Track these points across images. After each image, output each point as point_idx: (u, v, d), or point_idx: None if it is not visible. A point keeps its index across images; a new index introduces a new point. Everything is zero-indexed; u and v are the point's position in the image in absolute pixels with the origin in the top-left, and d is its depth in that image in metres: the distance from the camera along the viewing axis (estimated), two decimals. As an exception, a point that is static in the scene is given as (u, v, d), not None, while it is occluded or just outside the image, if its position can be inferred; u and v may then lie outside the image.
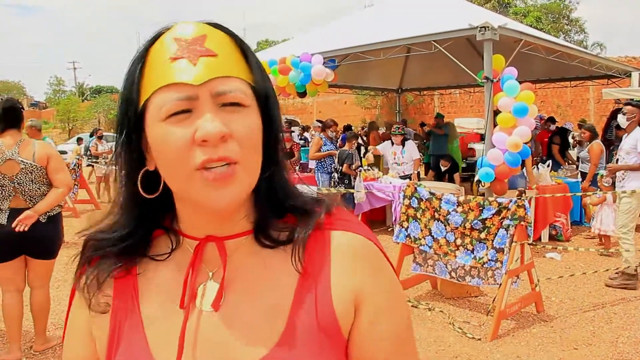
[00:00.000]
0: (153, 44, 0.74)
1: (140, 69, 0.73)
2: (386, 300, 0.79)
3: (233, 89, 0.71)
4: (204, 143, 0.68)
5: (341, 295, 0.76)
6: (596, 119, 18.47)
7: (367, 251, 0.80)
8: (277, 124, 0.79)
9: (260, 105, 0.76)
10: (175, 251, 0.82)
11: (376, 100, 24.31)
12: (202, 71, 0.70)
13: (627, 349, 4.10)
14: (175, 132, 0.69)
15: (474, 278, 4.82)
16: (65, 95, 49.98)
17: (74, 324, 0.87)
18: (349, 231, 0.81)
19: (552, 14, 30.72)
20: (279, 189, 0.80)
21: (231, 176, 0.69)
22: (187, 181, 0.70)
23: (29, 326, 4.28)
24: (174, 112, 0.69)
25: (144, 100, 0.72)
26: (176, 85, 0.69)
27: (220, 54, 0.72)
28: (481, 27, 6.73)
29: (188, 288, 0.78)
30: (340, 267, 0.77)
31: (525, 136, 6.36)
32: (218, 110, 0.70)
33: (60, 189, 3.79)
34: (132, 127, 0.74)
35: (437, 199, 4.99)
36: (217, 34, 0.74)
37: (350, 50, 8.64)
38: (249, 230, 0.80)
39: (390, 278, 0.82)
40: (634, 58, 18.73)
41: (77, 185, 10.85)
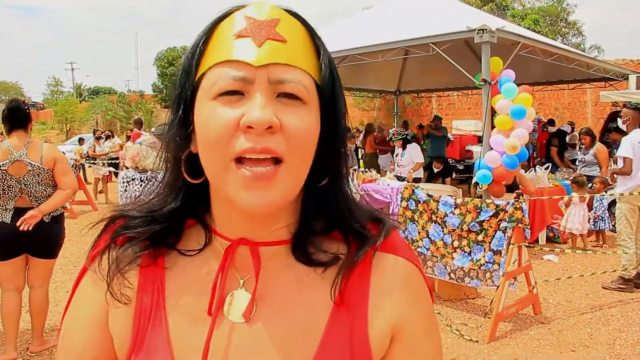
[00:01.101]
0: (223, 20, 0.70)
1: (204, 41, 0.69)
2: (423, 330, 0.77)
3: (294, 79, 0.65)
4: (248, 129, 0.62)
5: (377, 324, 0.72)
6: (593, 122, 18.50)
7: (409, 277, 0.76)
8: (340, 130, 0.73)
9: (323, 107, 0.70)
10: (205, 249, 0.76)
11: (374, 102, 24.33)
12: (265, 54, 0.65)
13: (624, 351, 4.11)
14: (222, 112, 0.64)
15: (473, 279, 4.83)
16: (63, 96, 49.81)
17: (78, 318, 0.78)
18: (394, 254, 0.76)
19: (550, 17, 30.79)
20: (333, 202, 0.74)
21: (271, 178, 0.64)
22: (222, 171, 0.65)
23: (25, 327, 4.27)
24: (226, 91, 0.65)
25: (200, 75, 0.68)
26: (234, 62, 0.65)
27: (290, 42, 0.67)
28: (479, 29, 6.74)
29: (217, 294, 0.72)
30: (380, 293, 0.73)
31: (523, 138, 6.37)
32: (273, 99, 0.65)
33: (66, 191, 3.84)
34: (189, 101, 0.69)
35: (434, 201, 5.00)
36: (291, 21, 0.69)
37: (348, 52, 8.64)
38: (287, 239, 0.74)
39: (429, 307, 0.79)
40: (631, 61, 18.77)
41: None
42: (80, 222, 9.66)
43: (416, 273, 0.77)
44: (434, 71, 11.80)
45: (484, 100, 6.93)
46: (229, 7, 0.71)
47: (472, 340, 4.32)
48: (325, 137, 0.71)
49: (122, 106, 38.40)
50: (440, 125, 12.63)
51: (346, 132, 0.76)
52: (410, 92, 16.55)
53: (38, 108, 51.70)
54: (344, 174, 0.76)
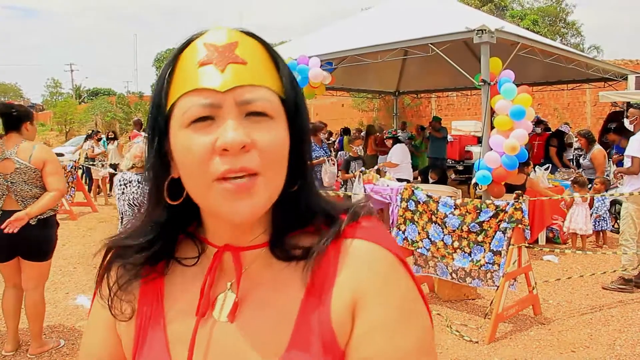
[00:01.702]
0: (185, 49, 0.73)
1: (170, 73, 0.73)
2: (386, 316, 0.71)
3: (259, 97, 0.69)
4: (224, 152, 0.66)
5: (339, 305, 0.72)
6: (593, 122, 18.52)
7: (378, 259, 0.74)
8: (305, 138, 0.77)
9: (289, 118, 0.74)
10: (201, 257, 0.82)
11: (373, 103, 24.33)
12: (229, 78, 0.68)
13: (625, 352, 4.10)
14: (197, 139, 0.68)
15: (475, 279, 4.83)
16: (62, 97, 49.81)
17: (95, 323, 0.87)
18: (366, 239, 0.76)
19: (549, 17, 30.82)
20: (303, 203, 0.78)
21: (251, 188, 0.68)
22: (206, 192, 0.69)
23: (25, 328, 4.27)
24: (197, 118, 0.68)
25: (170, 105, 0.71)
26: (201, 90, 0.68)
27: (250, 62, 0.71)
28: (478, 30, 6.73)
29: (204, 296, 0.77)
30: (345, 275, 0.74)
31: (522, 139, 6.37)
32: (242, 120, 0.68)
33: (52, 192, 3.81)
34: (163, 132, 0.73)
35: (434, 202, 4.99)
36: (249, 42, 0.73)
37: (347, 52, 8.64)
38: (265, 242, 0.78)
39: (403, 294, 0.73)
40: (630, 61, 18.78)
41: (73, 187, 10.84)
42: (79, 224, 9.66)
43: (388, 256, 0.75)
44: (433, 72, 11.81)
45: (483, 100, 6.93)
46: (189, 36, 0.74)
47: (472, 341, 4.32)
48: (293, 145, 0.75)
49: (121, 107, 38.40)
50: (439, 126, 12.61)
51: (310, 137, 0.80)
52: (410, 93, 16.56)
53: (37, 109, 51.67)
54: (312, 175, 0.80)
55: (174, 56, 0.74)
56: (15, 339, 4.07)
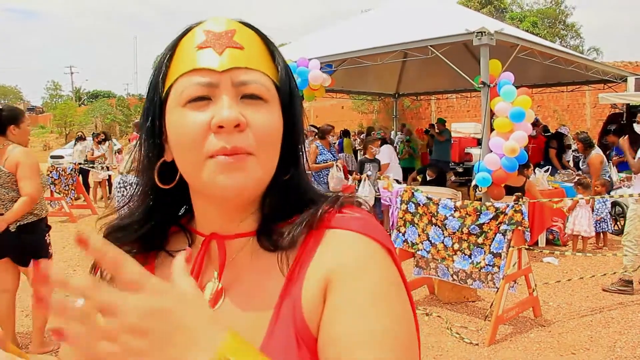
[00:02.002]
0: (184, 37, 0.75)
1: (169, 57, 0.75)
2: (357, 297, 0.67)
3: (255, 80, 0.72)
4: (219, 129, 0.68)
5: (310, 292, 0.70)
6: (592, 124, 18.52)
7: (357, 245, 0.72)
8: (298, 127, 0.79)
9: (283, 106, 0.76)
10: (191, 248, 0.82)
11: (373, 105, 24.33)
12: (226, 60, 0.71)
13: (625, 354, 4.10)
14: (193, 117, 0.70)
15: (476, 281, 4.82)
16: (62, 99, 49.87)
17: None
18: (346, 228, 0.73)
19: (548, 19, 30.86)
20: (293, 192, 0.80)
21: (242, 162, 0.69)
22: (199, 168, 0.70)
23: (25, 330, 4.27)
24: (194, 97, 0.70)
25: (168, 87, 0.73)
26: (199, 70, 0.71)
27: (247, 48, 0.73)
28: (478, 32, 6.75)
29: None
30: (317, 261, 0.72)
31: (522, 141, 6.37)
32: (238, 101, 0.71)
33: (23, 198, 3.73)
34: (157, 114, 0.75)
35: (434, 204, 4.99)
36: (246, 31, 0.76)
37: (347, 55, 8.65)
38: (253, 231, 0.79)
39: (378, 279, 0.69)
40: (629, 63, 18.78)
41: (73, 190, 10.83)
42: (79, 226, 9.66)
43: (367, 242, 0.72)
44: (433, 74, 11.81)
45: (483, 102, 6.93)
46: (187, 26, 0.77)
47: (472, 344, 4.32)
48: (286, 133, 0.77)
49: (121, 109, 38.45)
50: (443, 127, 12.64)
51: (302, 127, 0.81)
52: (409, 95, 16.57)
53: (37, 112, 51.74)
54: (303, 165, 0.81)
55: (174, 43, 0.76)
56: (14, 342, 4.05)
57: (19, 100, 56.28)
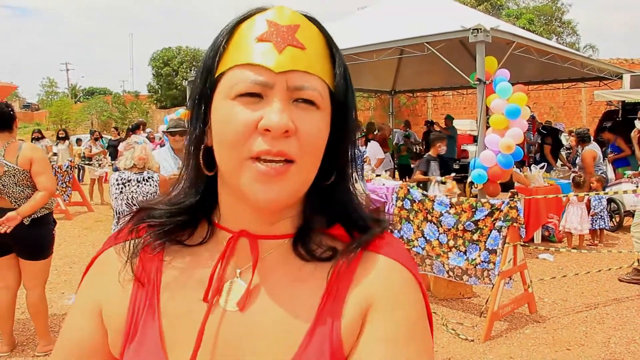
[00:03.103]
0: (244, 21, 0.72)
1: (225, 41, 0.71)
2: (392, 331, 0.71)
3: (311, 86, 0.69)
4: (266, 132, 0.66)
5: (351, 316, 0.72)
6: (588, 121, 18.58)
7: (394, 275, 0.74)
8: (349, 136, 0.76)
9: (335, 112, 0.73)
10: (207, 242, 0.79)
11: (369, 102, 24.33)
12: (286, 60, 0.67)
13: (619, 349, 4.13)
14: (240, 113, 0.67)
15: (471, 277, 4.84)
16: (58, 97, 49.68)
17: (82, 305, 0.82)
18: (388, 256, 0.76)
19: (545, 16, 30.89)
20: (338, 201, 0.77)
21: (283, 174, 0.67)
22: (238, 167, 0.68)
23: (21, 330, 4.27)
24: (245, 92, 0.68)
25: (219, 74, 0.71)
26: (255, 66, 0.68)
27: (308, 49, 0.70)
28: (474, 29, 6.74)
29: (214, 281, 0.74)
30: (360, 287, 0.73)
31: (517, 138, 6.38)
32: (290, 104, 0.68)
33: (41, 192, 3.77)
34: (207, 99, 0.72)
35: (429, 201, 5.00)
36: (311, 28, 0.72)
37: (343, 51, 8.35)
38: (288, 234, 0.76)
39: (412, 313, 0.73)
40: (625, 60, 18.84)
41: (70, 187, 10.81)
42: (75, 224, 9.64)
43: (402, 272, 0.75)
44: (429, 71, 11.80)
45: (479, 99, 6.94)
46: (249, 9, 0.73)
47: (467, 340, 4.33)
48: (335, 140, 0.74)
49: (117, 107, 38.34)
50: (450, 125, 12.67)
51: (356, 136, 0.78)
52: (406, 92, 16.56)
53: (33, 109, 51.57)
54: (349, 175, 0.79)
55: (233, 26, 0.72)
56: (11, 339, 4.06)
57: (14, 97, 56.04)
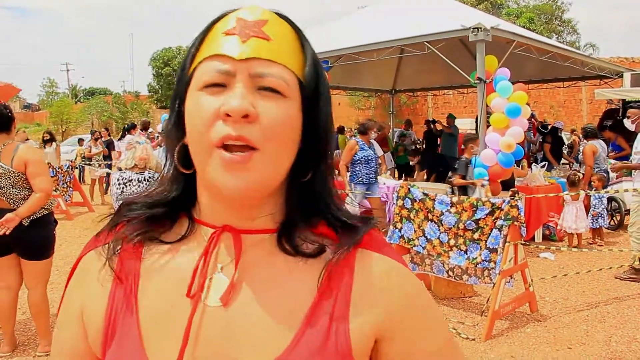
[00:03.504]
0: (218, 21, 0.74)
1: (200, 40, 0.74)
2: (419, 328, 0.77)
3: (274, 74, 0.69)
4: (226, 117, 0.66)
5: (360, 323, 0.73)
6: (589, 119, 18.57)
7: (397, 277, 0.77)
8: (322, 127, 0.76)
9: (305, 104, 0.73)
10: (187, 238, 0.78)
11: (370, 101, 24.35)
12: (248, 49, 0.69)
13: (621, 348, 4.12)
14: (205, 102, 0.69)
15: (471, 277, 4.83)
16: (58, 97, 49.71)
17: (68, 308, 0.82)
18: (379, 252, 0.77)
19: (545, 15, 30.87)
20: (316, 195, 0.77)
21: (247, 162, 0.67)
22: (206, 157, 0.69)
23: (22, 330, 4.27)
24: (210, 83, 0.69)
25: (193, 69, 0.73)
26: (220, 56, 0.69)
27: (274, 40, 0.71)
28: (474, 28, 6.75)
29: (197, 278, 0.74)
30: (364, 290, 0.74)
31: (518, 136, 6.39)
32: (253, 91, 0.68)
33: (38, 194, 3.74)
34: (182, 95, 0.74)
35: (430, 200, 5.00)
36: (279, 23, 0.74)
37: (343, 51, 8.65)
38: (272, 229, 0.76)
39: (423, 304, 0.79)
40: (625, 59, 18.84)
41: (70, 187, 10.81)
42: (76, 224, 9.64)
43: (404, 272, 0.78)
44: (430, 70, 11.81)
45: (479, 98, 6.95)
46: (225, 10, 0.76)
47: (468, 339, 4.33)
48: (308, 134, 0.74)
49: (117, 107, 38.36)
50: (452, 123, 12.69)
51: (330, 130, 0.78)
52: (406, 91, 16.57)
53: (33, 109, 51.59)
54: (325, 170, 0.78)
55: (207, 27, 0.75)
56: (12, 339, 4.05)
57: (14, 98, 56.07)
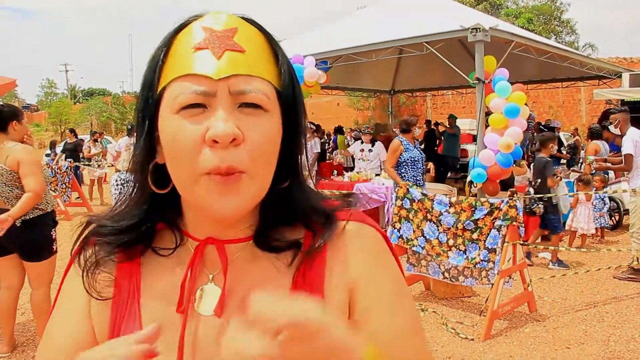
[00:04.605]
0: (180, 31, 0.70)
1: (164, 54, 0.69)
2: (383, 296, 0.76)
3: (254, 89, 0.66)
4: (214, 144, 0.64)
5: (333, 292, 0.73)
6: (588, 120, 18.58)
7: (366, 238, 0.77)
8: (299, 133, 0.74)
9: (284, 111, 0.71)
10: (178, 249, 0.78)
11: (369, 101, 24.33)
12: (225, 66, 0.65)
13: (619, 348, 4.13)
14: (187, 128, 0.65)
15: (467, 278, 4.83)
16: (57, 97, 49.71)
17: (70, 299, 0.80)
18: (352, 220, 0.78)
19: (544, 15, 30.86)
20: (293, 201, 0.76)
21: (235, 183, 0.65)
22: (192, 184, 0.67)
23: (21, 330, 4.27)
24: (188, 104, 0.65)
25: (162, 88, 0.68)
26: (195, 76, 0.65)
27: (248, 51, 0.67)
28: (472, 28, 6.75)
29: (186, 291, 0.74)
30: (334, 260, 0.74)
31: (517, 137, 6.39)
32: (235, 111, 0.66)
33: (28, 194, 3.72)
34: (151, 114, 0.70)
35: (429, 200, 5.00)
36: (249, 29, 0.70)
37: (342, 51, 8.65)
38: (250, 236, 0.76)
39: (394, 275, 0.78)
40: (624, 59, 18.84)
41: (69, 188, 10.81)
42: (74, 224, 9.61)
43: (373, 233, 0.79)
44: (429, 70, 11.82)
45: (478, 99, 6.95)
46: (186, 18, 0.71)
47: (467, 339, 4.33)
48: (286, 140, 0.73)
49: (116, 107, 38.36)
50: (454, 124, 12.70)
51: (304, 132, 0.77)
52: (405, 92, 16.57)
53: (32, 110, 51.53)
54: (302, 171, 0.78)
55: (169, 38, 0.70)
56: (12, 340, 4.06)
57: (13, 98, 56.02)
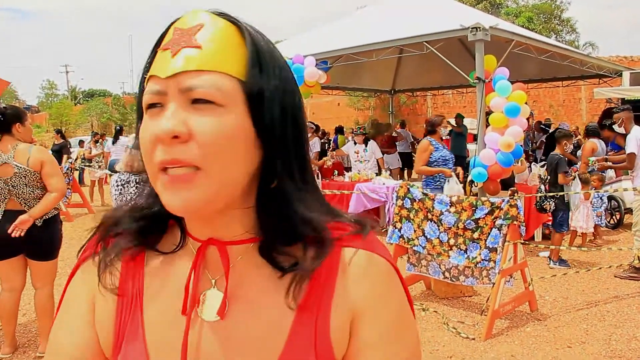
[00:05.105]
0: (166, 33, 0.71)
1: (151, 56, 0.71)
2: (383, 333, 0.73)
3: (205, 84, 0.64)
4: (159, 141, 0.64)
5: (339, 319, 0.72)
6: (588, 119, 18.55)
7: (375, 270, 0.74)
8: (274, 129, 0.69)
9: (252, 103, 0.67)
10: (181, 249, 0.77)
11: (369, 101, 24.30)
12: (176, 64, 0.65)
13: (620, 347, 4.12)
14: (148, 126, 0.67)
15: (468, 278, 4.83)
16: (58, 99, 49.81)
17: (71, 313, 0.80)
18: (363, 248, 0.75)
19: (544, 14, 30.84)
20: (288, 206, 0.71)
21: (187, 181, 0.64)
22: (155, 181, 0.68)
23: (22, 331, 4.27)
24: (149, 104, 0.67)
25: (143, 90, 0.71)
26: (154, 77, 0.67)
27: (205, 47, 0.66)
28: (473, 27, 6.75)
29: (190, 294, 0.73)
30: (343, 288, 0.73)
31: (517, 136, 6.38)
32: (188, 107, 0.65)
33: (53, 193, 3.84)
34: (141, 115, 0.71)
35: (430, 200, 5.00)
36: (215, 24, 0.68)
37: (342, 51, 8.65)
38: (254, 237, 0.74)
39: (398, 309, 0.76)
40: (625, 57, 18.82)
41: (69, 189, 10.81)
42: (76, 225, 9.64)
43: (385, 265, 0.76)
44: (429, 70, 11.82)
45: (478, 98, 6.95)
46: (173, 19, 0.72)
47: (468, 338, 4.33)
48: (264, 137, 0.69)
49: (117, 108, 38.38)
50: (461, 123, 12.69)
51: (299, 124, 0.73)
52: (405, 91, 16.57)
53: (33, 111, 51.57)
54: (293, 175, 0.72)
55: (157, 41, 0.71)
56: (13, 341, 4.07)
57: (14, 100, 56.08)
